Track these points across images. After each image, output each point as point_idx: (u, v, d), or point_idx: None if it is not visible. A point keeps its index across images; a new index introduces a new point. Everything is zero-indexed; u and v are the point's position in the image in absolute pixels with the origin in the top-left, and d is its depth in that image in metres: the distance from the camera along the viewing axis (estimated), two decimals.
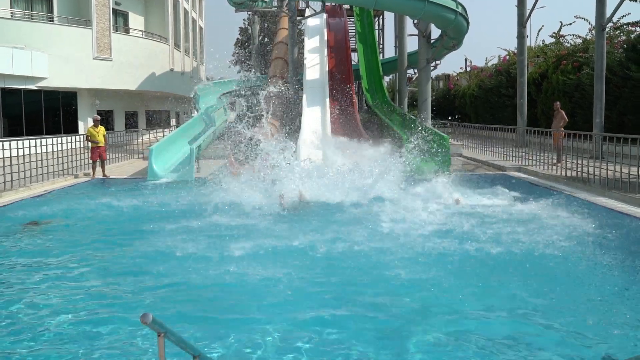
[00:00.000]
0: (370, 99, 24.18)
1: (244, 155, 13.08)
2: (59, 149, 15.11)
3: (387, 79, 41.76)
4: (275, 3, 26.76)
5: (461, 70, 42.90)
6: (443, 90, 43.69)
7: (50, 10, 24.26)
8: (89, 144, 15.34)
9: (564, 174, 13.38)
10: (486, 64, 36.28)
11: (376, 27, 36.68)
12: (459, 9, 19.47)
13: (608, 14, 16.15)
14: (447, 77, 45.95)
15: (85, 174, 15.33)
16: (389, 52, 37.73)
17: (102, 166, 15.35)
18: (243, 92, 25.70)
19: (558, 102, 17.04)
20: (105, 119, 27.41)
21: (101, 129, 15.34)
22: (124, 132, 25.15)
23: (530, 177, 14.34)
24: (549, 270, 6.26)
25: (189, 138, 17.78)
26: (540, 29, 58.73)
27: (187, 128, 18.47)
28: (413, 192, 10.92)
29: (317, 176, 11.24)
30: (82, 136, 17.26)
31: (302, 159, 15.03)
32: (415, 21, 21.45)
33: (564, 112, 16.58)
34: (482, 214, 9.14)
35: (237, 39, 61.22)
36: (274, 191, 10.60)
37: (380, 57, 32.84)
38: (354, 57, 29.42)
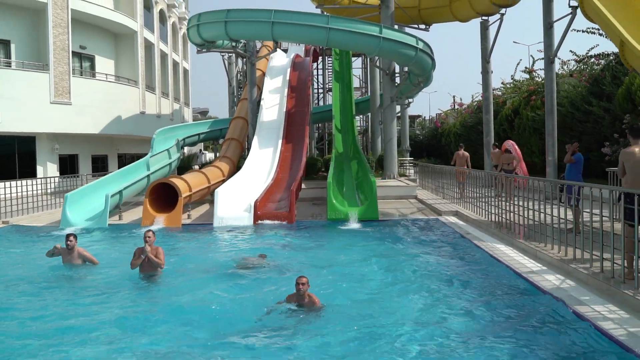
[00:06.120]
0: (340, 139, 22.88)
1: None
2: None
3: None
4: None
5: (450, 108, 41.88)
6: (431, 129, 42.59)
7: (8, 56, 23.89)
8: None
9: (492, 218, 11.93)
10: (472, 101, 35.21)
11: (361, 65, 36.08)
12: (420, 45, 18.35)
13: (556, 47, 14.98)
14: (438, 115, 44.96)
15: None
16: None
17: None
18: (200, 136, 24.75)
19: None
20: (69, 163, 26.69)
21: None
22: (87, 176, 24.13)
23: (460, 222, 12.92)
24: None
25: (124, 184, 16.65)
26: (518, 63, 58.06)
27: (124, 174, 17.39)
28: None
29: None
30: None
31: (218, 210, 13.67)
32: (376, 58, 20.53)
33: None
34: None
35: None
36: None
37: (361, 96, 31.97)
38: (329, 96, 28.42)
